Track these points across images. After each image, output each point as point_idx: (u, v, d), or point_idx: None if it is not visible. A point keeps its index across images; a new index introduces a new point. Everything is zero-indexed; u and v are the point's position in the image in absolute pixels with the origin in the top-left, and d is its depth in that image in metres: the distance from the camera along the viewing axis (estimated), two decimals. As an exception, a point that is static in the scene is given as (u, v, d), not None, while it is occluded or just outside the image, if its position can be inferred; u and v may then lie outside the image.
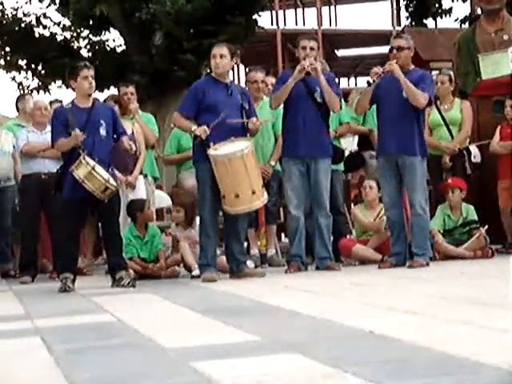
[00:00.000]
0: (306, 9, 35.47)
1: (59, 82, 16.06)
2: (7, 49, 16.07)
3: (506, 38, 9.14)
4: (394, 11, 30.23)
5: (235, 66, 25.66)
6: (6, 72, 16.29)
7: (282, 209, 9.16)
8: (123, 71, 14.66)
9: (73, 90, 6.85)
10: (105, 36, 16.52)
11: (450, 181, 8.03)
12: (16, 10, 16.38)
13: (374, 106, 7.47)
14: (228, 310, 4.65)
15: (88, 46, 16.63)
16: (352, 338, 3.29)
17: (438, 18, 20.91)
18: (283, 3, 31.74)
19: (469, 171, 8.29)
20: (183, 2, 14.49)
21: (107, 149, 6.72)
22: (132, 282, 6.57)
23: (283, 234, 10.74)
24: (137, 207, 7.72)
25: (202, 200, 6.86)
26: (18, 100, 9.08)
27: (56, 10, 16.27)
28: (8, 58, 16.08)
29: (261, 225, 8.41)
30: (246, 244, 7.86)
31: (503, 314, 3.61)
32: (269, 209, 8.15)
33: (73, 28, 16.44)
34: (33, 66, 16.13)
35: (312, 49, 7.19)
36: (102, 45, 16.61)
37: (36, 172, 8.18)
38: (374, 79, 7.17)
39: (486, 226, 7.82)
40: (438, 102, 8.40)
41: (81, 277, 7.40)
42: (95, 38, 16.55)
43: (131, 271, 7.09)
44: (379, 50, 32.23)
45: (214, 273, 6.71)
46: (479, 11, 10.58)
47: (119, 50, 16.58)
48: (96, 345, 3.51)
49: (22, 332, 4.13)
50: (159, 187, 11.46)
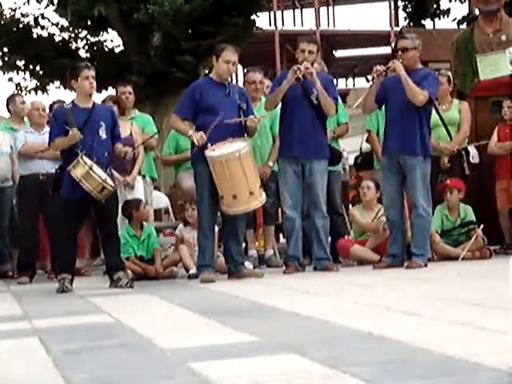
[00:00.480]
0: (304, 9, 35.55)
1: (57, 83, 16.07)
2: (5, 49, 16.06)
3: (503, 38, 9.14)
4: (392, 12, 30.32)
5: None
6: (4, 73, 16.28)
7: (280, 210, 9.15)
8: (121, 72, 14.65)
9: (73, 90, 6.85)
10: (103, 37, 16.55)
11: (448, 181, 8.03)
12: (14, 10, 16.38)
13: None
14: (226, 310, 4.65)
15: (86, 47, 16.63)
16: (350, 338, 3.29)
17: (436, 19, 20.89)
18: (281, 4, 31.81)
19: (467, 172, 8.28)
20: (181, 3, 14.48)
21: (106, 150, 6.71)
22: (130, 282, 6.56)
23: (281, 235, 10.74)
24: (132, 206, 7.73)
25: (200, 201, 6.86)
26: (9, 101, 9.01)
27: (54, 10, 16.26)
28: (6, 59, 16.08)
29: (259, 226, 8.41)
30: (244, 245, 7.86)
31: (502, 314, 3.61)
32: (267, 210, 8.15)
33: (71, 29, 16.43)
34: (31, 66, 16.12)
35: (311, 52, 7.15)
36: (100, 45, 16.61)
37: (34, 173, 8.17)
38: (373, 76, 7.14)
39: (481, 226, 7.83)
40: (437, 103, 8.39)
41: (79, 277, 7.39)
42: (93, 39, 16.55)
43: (129, 272, 7.09)
44: (377, 51, 32.33)
45: (212, 273, 6.72)
46: (477, 12, 10.58)
47: (117, 50, 16.58)
48: (94, 345, 3.50)
49: (20, 332, 4.13)
50: (157, 188, 11.47)
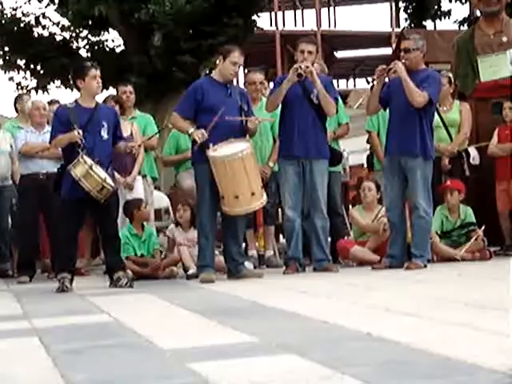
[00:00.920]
0: (304, 10, 35.55)
1: (58, 82, 16.06)
2: (6, 48, 16.06)
3: (504, 40, 9.14)
4: (393, 13, 30.30)
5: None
6: (5, 72, 16.28)
7: (280, 210, 9.16)
8: (122, 72, 14.64)
9: (78, 90, 6.78)
10: (104, 36, 16.51)
11: (448, 182, 8.03)
12: (15, 9, 16.36)
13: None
14: (226, 310, 4.64)
15: (87, 47, 16.61)
16: (350, 339, 3.29)
17: (437, 20, 20.89)
18: (282, 4, 31.81)
19: (467, 173, 8.28)
20: (182, 3, 14.47)
21: (107, 150, 6.71)
22: (130, 282, 6.56)
23: (281, 235, 10.74)
24: (133, 206, 7.74)
25: (200, 201, 6.86)
26: (16, 101, 9.07)
27: (55, 10, 16.25)
28: (7, 58, 16.07)
29: (259, 226, 8.41)
30: (244, 245, 7.86)
31: (501, 316, 3.61)
32: (267, 210, 8.15)
33: (72, 28, 16.41)
34: (32, 65, 16.11)
35: (310, 52, 7.16)
36: (101, 45, 16.59)
37: (34, 172, 8.17)
38: (373, 78, 7.15)
39: (482, 227, 7.83)
40: (437, 104, 8.39)
41: (79, 277, 7.39)
42: (94, 39, 16.53)
43: (129, 271, 7.09)
44: (378, 52, 32.32)
45: (211, 274, 6.72)
46: (478, 13, 10.58)
47: (118, 50, 16.57)
48: (94, 345, 3.51)
49: (20, 332, 4.13)
50: (157, 188, 11.46)
